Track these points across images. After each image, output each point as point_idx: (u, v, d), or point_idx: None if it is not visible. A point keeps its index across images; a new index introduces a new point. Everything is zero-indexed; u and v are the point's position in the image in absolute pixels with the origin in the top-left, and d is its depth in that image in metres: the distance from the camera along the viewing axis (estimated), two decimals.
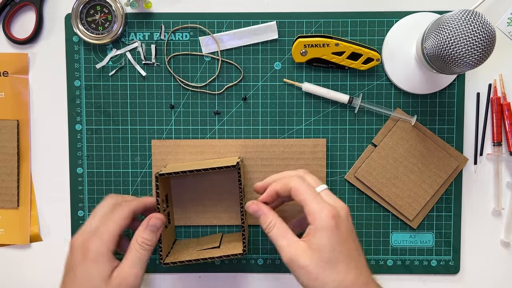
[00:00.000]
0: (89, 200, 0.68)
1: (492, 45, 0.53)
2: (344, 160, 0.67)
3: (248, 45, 0.66)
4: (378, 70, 0.66)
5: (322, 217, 0.51)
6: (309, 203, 0.52)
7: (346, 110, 0.67)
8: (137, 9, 0.66)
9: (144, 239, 0.57)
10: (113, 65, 0.66)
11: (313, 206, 0.52)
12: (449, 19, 0.53)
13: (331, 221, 0.51)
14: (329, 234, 0.50)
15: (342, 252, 0.51)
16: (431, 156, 0.66)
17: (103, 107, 0.67)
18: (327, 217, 0.51)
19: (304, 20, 0.66)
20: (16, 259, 0.69)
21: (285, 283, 0.69)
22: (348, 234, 0.52)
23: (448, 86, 0.66)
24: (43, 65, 0.67)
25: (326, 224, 0.50)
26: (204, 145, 0.66)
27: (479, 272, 0.68)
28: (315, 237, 0.51)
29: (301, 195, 0.53)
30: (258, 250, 0.68)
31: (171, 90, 0.67)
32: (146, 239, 0.57)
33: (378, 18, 0.65)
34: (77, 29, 0.64)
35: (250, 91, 0.67)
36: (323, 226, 0.50)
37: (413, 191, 0.66)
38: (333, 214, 0.51)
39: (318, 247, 0.50)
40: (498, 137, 0.66)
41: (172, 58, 0.66)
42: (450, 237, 0.68)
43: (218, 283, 0.69)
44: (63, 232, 0.68)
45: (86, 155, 0.67)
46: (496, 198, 0.67)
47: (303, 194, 0.53)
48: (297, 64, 0.66)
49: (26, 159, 0.68)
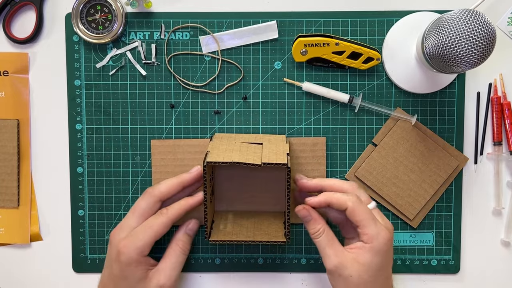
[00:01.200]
0: (89, 200, 0.68)
1: (492, 45, 0.53)
2: (344, 160, 0.67)
3: (248, 45, 0.66)
4: (378, 70, 0.66)
5: (379, 240, 0.54)
6: (367, 226, 0.55)
7: (346, 110, 0.67)
8: (137, 9, 0.66)
9: (184, 243, 0.61)
10: (113, 64, 0.66)
11: (371, 229, 0.55)
12: (449, 18, 0.53)
13: (386, 245, 0.55)
14: (382, 255, 0.55)
15: (383, 276, 0.56)
16: (431, 155, 0.66)
17: (103, 107, 0.67)
18: (384, 239, 0.55)
19: (304, 20, 0.66)
20: (17, 258, 0.69)
21: (287, 283, 0.69)
22: (391, 258, 0.57)
23: (449, 86, 0.66)
24: (43, 64, 0.67)
25: (382, 248, 0.54)
26: (204, 144, 0.66)
27: (479, 271, 0.68)
28: (367, 254, 0.54)
29: (359, 217, 0.55)
30: (259, 250, 0.68)
31: (171, 90, 0.67)
32: (185, 242, 0.61)
33: (378, 17, 0.65)
34: (77, 29, 0.64)
35: (250, 91, 0.67)
36: (379, 249, 0.54)
37: (413, 190, 0.66)
38: (388, 238, 0.55)
39: (368, 264, 0.54)
40: (498, 137, 0.66)
41: (172, 57, 0.66)
42: (450, 237, 0.68)
43: (218, 282, 0.69)
44: (63, 232, 0.69)
45: (86, 154, 0.67)
46: (497, 198, 0.67)
47: (360, 216, 0.55)
48: (297, 64, 0.66)
49: (26, 159, 0.68)
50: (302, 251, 0.68)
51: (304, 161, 0.66)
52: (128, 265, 0.57)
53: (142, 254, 0.57)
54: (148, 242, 0.57)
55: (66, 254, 0.69)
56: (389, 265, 0.57)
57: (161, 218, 0.58)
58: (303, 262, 0.68)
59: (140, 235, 0.57)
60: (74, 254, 0.68)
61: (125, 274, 0.57)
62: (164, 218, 0.58)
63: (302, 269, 0.68)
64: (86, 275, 0.68)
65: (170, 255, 0.60)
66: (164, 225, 0.58)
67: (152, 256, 0.60)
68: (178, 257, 0.60)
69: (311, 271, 0.68)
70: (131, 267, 0.57)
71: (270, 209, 0.67)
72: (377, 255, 0.54)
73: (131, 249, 0.56)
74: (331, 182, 0.60)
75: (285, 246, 0.68)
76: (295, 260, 0.68)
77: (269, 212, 0.67)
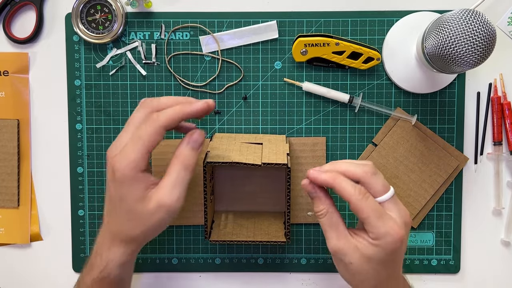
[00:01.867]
0: (89, 200, 0.68)
1: (492, 45, 0.53)
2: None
3: (248, 45, 0.66)
4: (379, 70, 0.66)
5: (387, 240, 0.49)
6: (373, 225, 0.49)
7: (347, 110, 0.67)
8: (137, 9, 0.66)
9: (186, 156, 0.51)
10: (114, 64, 0.66)
11: (377, 228, 0.49)
12: (449, 18, 0.53)
13: (395, 244, 0.49)
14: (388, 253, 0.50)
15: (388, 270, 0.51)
16: (431, 155, 0.66)
17: (104, 107, 0.67)
18: (392, 239, 0.49)
19: (304, 20, 0.65)
20: (17, 258, 0.69)
21: (287, 283, 0.69)
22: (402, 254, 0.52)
23: (449, 86, 0.66)
24: (44, 64, 0.67)
25: (389, 247, 0.49)
26: (204, 144, 0.66)
27: (479, 271, 0.68)
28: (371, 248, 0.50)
29: (363, 214, 0.49)
30: (259, 250, 0.68)
31: (171, 90, 0.67)
32: (188, 155, 0.52)
33: (379, 17, 0.65)
34: (78, 29, 0.64)
35: (250, 91, 0.67)
36: (385, 247, 0.49)
37: (413, 190, 0.66)
38: (398, 237, 0.49)
39: (370, 257, 0.50)
40: (498, 137, 0.66)
41: (172, 57, 0.66)
42: (451, 237, 0.68)
43: (218, 282, 0.69)
44: (63, 232, 0.69)
45: (86, 154, 0.67)
46: (497, 198, 0.67)
47: (364, 213, 0.49)
48: (298, 64, 0.66)
49: (26, 159, 0.68)
50: (302, 251, 0.68)
51: (304, 161, 0.66)
52: (123, 183, 0.50)
53: (136, 169, 0.49)
54: (140, 155, 0.49)
55: (66, 254, 0.69)
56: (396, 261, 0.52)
57: (150, 125, 0.50)
58: (303, 262, 0.68)
59: (130, 148, 0.49)
60: (74, 254, 0.68)
61: (121, 194, 0.50)
62: (154, 125, 0.50)
63: (302, 269, 0.68)
64: None
65: (171, 170, 0.51)
66: (156, 133, 0.49)
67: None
68: (179, 172, 0.51)
69: (311, 271, 0.68)
70: (126, 185, 0.50)
71: (270, 209, 0.67)
72: (383, 252, 0.49)
73: (123, 165, 0.49)
74: (343, 167, 0.52)
75: (285, 246, 0.68)
76: (295, 260, 0.68)
77: (269, 212, 0.67)
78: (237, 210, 0.67)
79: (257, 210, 0.67)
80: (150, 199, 0.50)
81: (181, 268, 0.68)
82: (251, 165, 0.56)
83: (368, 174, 0.51)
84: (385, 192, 0.51)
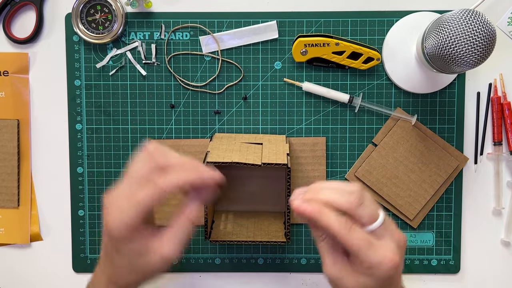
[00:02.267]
0: (89, 200, 0.68)
1: (492, 45, 0.53)
2: (345, 160, 0.67)
3: (248, 45, 0.66)
4: (379, 70, 0.66)
5: (381, 269, 0.46)
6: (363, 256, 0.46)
7: (347, 110, 0.67)
8: (137, 9, 0.66)
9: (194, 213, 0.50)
10: (113, 64, 0.66)
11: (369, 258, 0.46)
12: (449, 18, 0.53)
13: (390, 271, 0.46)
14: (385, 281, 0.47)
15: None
16: (431, 155, 0.66)
17: (103, 107, 0.67)
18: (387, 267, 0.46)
19: (304, 20, 0.65)
20: (17, 258, 0.69)
21: (287, 283, 0.69)
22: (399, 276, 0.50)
23: (449, 86, 0.66)
24: (43, 64, 0.67)
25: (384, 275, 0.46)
26: (204, 144, 0.66)
27: (479, 271, 0.68)
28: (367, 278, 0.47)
29: (351, 247, 0.46)
30: (259, 250, 0.68)
31: (171, 90, 0.67)
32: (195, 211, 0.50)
33: (378, 17, 0.65)
34: (77, 29, 0.64)
35: (250, 91, 0.67)
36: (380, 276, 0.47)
37: (413, 190, 0.66)
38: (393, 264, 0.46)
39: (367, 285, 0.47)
40: (498, 137, 0.66)
41: (172, 57, 0.66)
42: (451, 237, 0.68)
43: (218, 282, 0.69)
44: (63, 232, 0.68)
45: (86, 154, 0.67)
46: (497, 198, 0.67)
47: (352, 246, 0.46)
48: (297, 64, 0.66)
49: (26, 159, 0.68)
50: (302, 251, 0.68)
51: (304, 161, 0.66)
52: (118, 240, 0.48)
53: (133, 228, 0.47)
54: (136, 218, 0.47)
55: (66, 254, 0.69)
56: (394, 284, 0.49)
57: (151, 189, 0.47)
58: (303, 262, 0.68)
59: (126, 211, 0.47)
60: (74, 254, 0.68)
61: (117, 248, 0.48)
62: (155, 191, 0.47)
63: (302, 269, 0.68)
64: (86, 275, 0.68)
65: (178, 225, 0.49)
66: (156, 199, 0.47)
67: None
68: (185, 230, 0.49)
69: (311, 271, 0.68)
70: (122, 243, 0.48)
71: (270, 209, 0.67)
72: (379, 280, 0.47)
73: (119, 225, 0.47)
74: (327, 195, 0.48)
75: (285, 246, 0.68)
76: (295, 260, 0.68)
77: (269, 212, 0.67)
78: (237, 210, 0.67)
79: (257, 210, 0.67)
80: (152, 253, 0.48)
81: (181, 268, 0.68)
82: (251, 165, 0.56)
83: (353, 205, 0.47)
84: (374, 220, 0.47)
